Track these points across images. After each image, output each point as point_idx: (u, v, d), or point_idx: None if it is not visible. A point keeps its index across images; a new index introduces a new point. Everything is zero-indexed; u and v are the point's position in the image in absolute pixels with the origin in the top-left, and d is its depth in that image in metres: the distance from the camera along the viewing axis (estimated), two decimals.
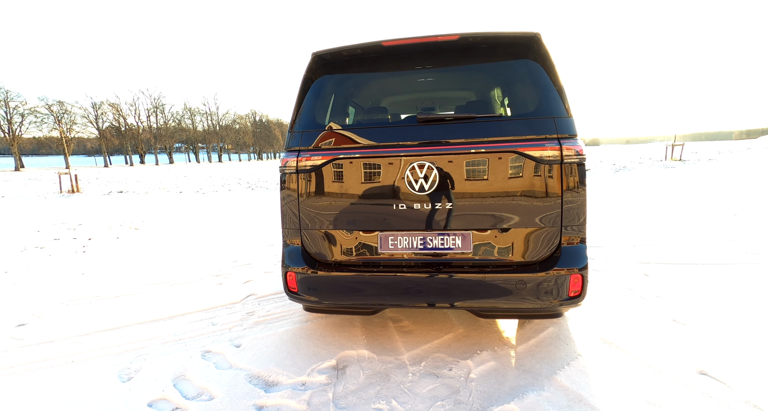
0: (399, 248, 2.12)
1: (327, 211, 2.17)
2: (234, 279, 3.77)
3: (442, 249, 2.08)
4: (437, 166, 2.03)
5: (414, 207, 2.08)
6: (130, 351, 2.42)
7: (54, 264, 4.50)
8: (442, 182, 2.04)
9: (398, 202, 2.09)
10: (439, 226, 2.08)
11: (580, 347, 2.23)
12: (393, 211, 2.11)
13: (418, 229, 2.10)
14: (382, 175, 2.10)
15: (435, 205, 2.06)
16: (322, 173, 2.16)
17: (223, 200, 10.75)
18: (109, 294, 3.46)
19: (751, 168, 13.86)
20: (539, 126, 1.98)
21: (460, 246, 2.06)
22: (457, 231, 2.06)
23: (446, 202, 2.05)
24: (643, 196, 8.08)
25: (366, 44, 2.25)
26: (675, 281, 3.20)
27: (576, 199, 1.97)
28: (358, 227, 2.16)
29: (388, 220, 2.12)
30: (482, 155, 2.00)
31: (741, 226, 4.96)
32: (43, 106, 51.53)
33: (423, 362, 2.15)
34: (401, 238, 2.12)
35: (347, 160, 2.13)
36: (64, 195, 13.40)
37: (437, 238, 2.08)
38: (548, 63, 2.08)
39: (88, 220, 7.66)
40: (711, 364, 2.00)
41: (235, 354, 2.33)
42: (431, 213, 2.08)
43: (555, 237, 2.00)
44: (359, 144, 2.14)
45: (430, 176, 2.04)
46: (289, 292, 2.26)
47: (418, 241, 2.09)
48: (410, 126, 2.12)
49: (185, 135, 72.72)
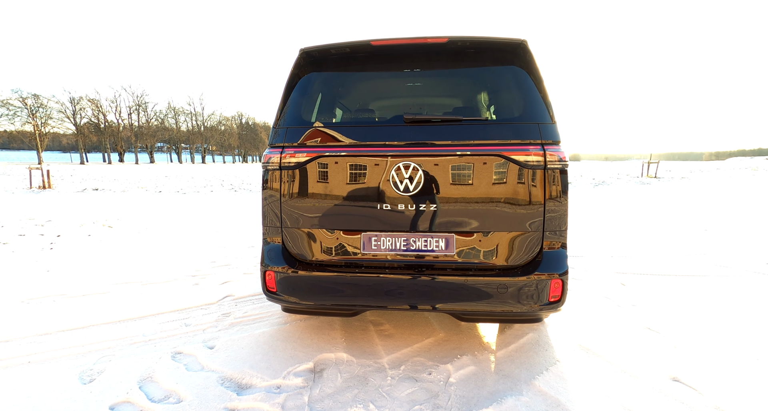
0: (382, 249, 2.09)
1: (310, 210, 2.14)
2: (211, 280, 3.65)
3: (425, 251, 2.06)
4: (423, 168, 2.03)
5: (398, 208, 2.06)
6: (95, 351, 2.29)
7: (17, 261, 4.26)
8: (427, 184, 2.04)
9: (382, 203, 2.07)
10: (422, 228, 2.06)
11: (559, 353, 2.24)
12: (377, 211, 2.09)
13: (402, 230, 2.08)
14: (367, 175, 2.09)
15: (419, 207, 2.05)
16: (306, 171, 2.12)
17: (204, 201, 10.48)
18: (75, 292, 3.28)
19: (719, 187, 14.53)
20: (524, 131, 2.01)
21: (444, 248, 2.05)
22: (441, 233, 2.06)
23: (430, 204, 2.04)
24: (620, 210, 8.33)
25: (355, 42, 2.25)
26: (650, 291, 3.28)
27: (558, 205, 2.00)
28: (341, 226, 2.13)
29: (371, 221, 2.10)
30: (467, 158, 2.02)
31: (711, 241, 5.16)
32: (17, 98, 49.47)
33: (402, 366, 2.11)
34: (384, 238, 2.10)
35: (332, 159, 2.11)
36: (34, 191, 12.80)
37: (420, 239, 2.06)
38: (534, 69, 2.12)
39: (59, 217, 7.32)
40: (683, 371, 2.03)
41: (208, 356, 2.24)
42: (415, 215, 2.07)
43: (537, 242, 2.02)
44: (345, 142, 2.11)
45: (415, 177, 2.03)
46: (267, 292, 2.19)
47: (401, 243, 2.07)
48: (397, 126, 2.11)
49: (168, 134, 71.06)
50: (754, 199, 10.22)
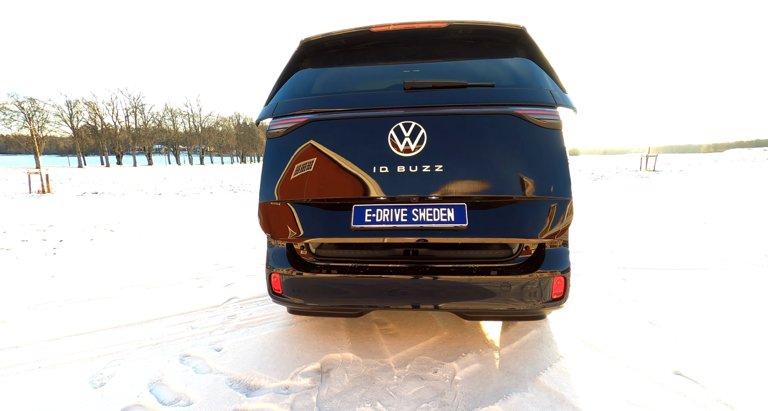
0: (378, 222, 1.89)
1: (297, 180, 2.02)
2: (215, 282, 3.67)
3: (430, 223, 1.87)
4: (426, 127, 1.89)
5: (397, 171, 1.89)
6: (104, 356, 2.31)
7: (21, 266, 4.27)
8: (431, 144, 1.88)
9: (380, 167, 1.91)
10: (427, 195, 1.88)
11: (562, 349, 2.27)
12: (373, 177, 1.91)
13: (402, 199, 1.91)
14: (361, 137, 1.97)
15: (422, 168, 1.87)
16: (296, 137, 2.05)
17: (204, 203, 10.49)
18: (81, 297, 3.30)
19: (717, 179, 14.57)
20: (538, 95, 1.98)
21: (453, 219, 1.85)
22: (449, 202, 1.88)
23: (437, 166, 1.87)
24: (619, 204, 8.37)
25: (355, 29, 2.32)
26: (651, 285, 3.31)
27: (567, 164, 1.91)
28: (332, 194, 1.98)
29: (366, 189, 1.93)
30: (476, 117, 1.91)
31: (710, 234, 5.19)
32: (13, 102, 49.26)
33: (408, 365, 2.14)
34: (381, 210, 1.91)
35: (322, 123, 2.03)
36: (34, 195, 12.80)
37: (424, 210, 1.88)
38: (538, 53, 2.17)
39: (60, 222, 7.33)
40: (685, 365, 2.07)
41: (216, 358, 2.26)
42: (418, 179, 1.87)
43: (554, 208, 1.87)
44: (337, 109, 2.05)
45: (417, 136, 1.90)
46: (273, 294, 2.22)
47: (401, 214, 1.89)
48: (396, 92, 2.04)
49: (165, 136, 70.91)
50: (752, 191, 10.26)
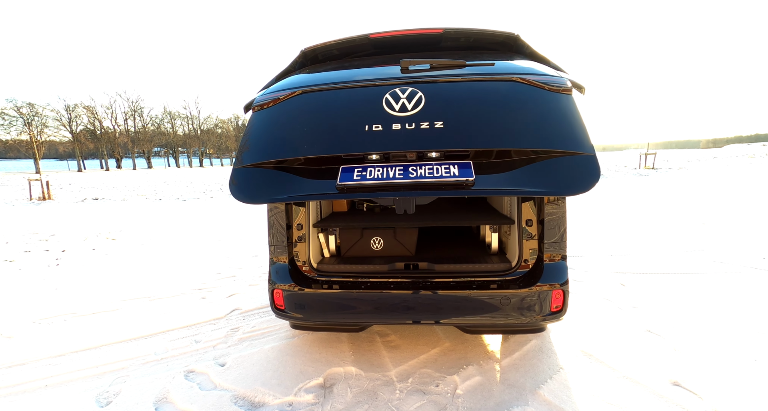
0: (368, 178, 1.72)
1: (280, 143, 1.94)
2: (217, 293, 3.70)
3: (432, 178, 1.69)
4: (425, 92, 1.82)
5: (392, 128, 1.76)
6: (109, 373, 2.34)
7: (25, 278, 4.30)
8: (430, 105, 1.79)
9: (372, 125, 1.80)
10: (427, 153, 1.76)
11: (562, 360, 2.30)
12: (364, 136, 1.79)
13: (398, 157, 1.79)
14: (356, 101, 1.90)
15: (420, 125, 1.76)
16: (285, 106, 2.00)
17: (204, 208, 10.52)
18: (85, 310, 3.33)
19: (716, 176, 14.59)
20: (542, 70, 1.95)
21: (457, 174, 1.69)
22: (453, 160, 1.75)
23: (436, 123, 1.75)
24: (618, 205, 8.39)
25: (353, 37, 2.38)
26: (649, 291, 3.34)
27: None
28: (317, 153, 1.85)
29: (355, 146, 1.80)
30: (479, 84, 1.87)
31: (709, 235, 5.22)
32: (12, 108, 49.28)
33: (410, 378, 2.17)
34: (372, 169, 1.76)
35: (315, 94, 1.99)
36: (35, 202, 12.82)
37: (424, 168, 1.74)
38: (534, 55, 2.22)
39: (62, 230, 7.36)
40: (683, 375, 2.09)
41: (220, 374, 2.29)
42: (416, 136, 1.74)
43: (575, 163, 1.69)
44: (334, 82, 2.02)
45: (414, 98, 1.82)
46: (276, 309, 2.25)
47: (396, 171, 1.73)
48: (393, 67, 2.01)
49: (165, 139, 70.89)
50: (750, 188, 10.28)
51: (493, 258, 2.38)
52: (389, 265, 2.31)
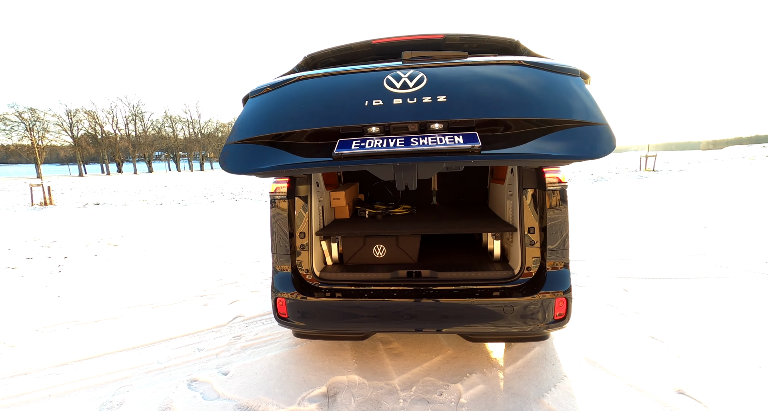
0: (366, 148, 1.66)
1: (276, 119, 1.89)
2: (220, 299, 3.70)
3: (435, 146, 1.63)
4: (427, 74, 1.79)
5: (393, 103, 1.72)
6: (113, 382, 2.34)
7: (27, 286, 4.31)
8: (432, 82, 1.76)
9: (372, 100, 1.75)
10: (430, 123, 1.69)
11: (566, 367, 2.29)
12: (364, 110, 1.74)
13: (399, 129, 1.73)
14: (356, 82, 1.88)
15: (422, 99, 1.71)
16: (283, 91, 1.98)
17: (206, 212, 10.53)
18: (87, 318, 3.33)
19: (717, 178, 14.59)
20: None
21: (462, 142, 1.62)
22: (458, 131, 1.68)
23: (439, 97, 1.71)
24: (620, 207, 8.39)
25: (356, 43, 2.43)
26: (652, 296, 3.33)
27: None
28: (314, 126, 1.80)
29: (354, 119, 1.75)
30: (484, 67, 1.86)
31: (710, 239, 5.21)
32: (13, 113, 49.45)
33: (414, 387, 2.16)
34: (371, 140, 1.70)
35: (315, 79, 1.97)
36: (36, 208, 12.85)
37: (426, 138, 1.68)
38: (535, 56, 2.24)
39: (63, 236, 7.37)
40: (688, 383, 2.09)
41: (223, 382, 2.29)
42: (417, 108, 1.69)
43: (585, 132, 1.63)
44: (330, 71, 2.01)
45: (415, 77, 1.79)
46: (279, 318, 2.25)
47: (397, 142, 1.68)
48: (395, 61, 1.99)
49: (165, 143, 71.06)
50: (750, 191, 10.27)
51: (496, 265, 2.39)
52: (392, 273, 2.31)
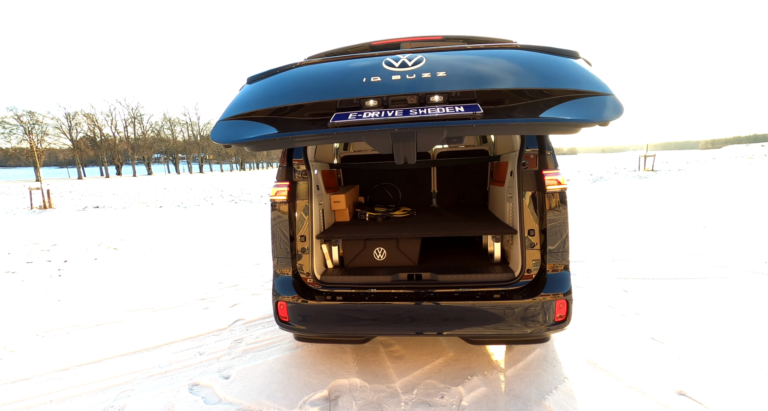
0: (364, 118, 1.60)
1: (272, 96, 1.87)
2: (220, 302, 3.70)
3: (435, 114, 1.56)
4: (427, 57, 1.78)
5: (392, 79, 1.68)
6: (114, 387, 2.34)
7: (27, 290, 4.30)
8: (432, 63, 1.73)
9: (371, 77, 1.72)
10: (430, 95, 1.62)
11: (567, 369, 2.30)
12: (362, 85, 1.70)
13: (398, 101, 1.66)
14: (352, 63, 1.89)
15: (422, 75, 1.68)
16: (280, 76, 1.97)
17: (205, 215, 10.53)
18: (88, 322, 3.33)
19: (716, 178, 14.62)
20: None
21: (463, 110, 1.56)
22: (459, 102, 1.62)
23: (439, 72, 1.69)
24: (619, 208, 8.40)
25: (356, 45, 2.41)
26: (652, 297, 3.34)
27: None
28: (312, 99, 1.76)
29: (352, 91, 1.70)
30: (484, 51, 1.87)
31: (710, 239, 5.22)
32: (12, 116, 49.43)
33: (415, 390, 2.17)
34: (369, 112, 1.64)
35: (312, 66, 1.97)
36: (36, 211, 12.84)
37: (426, 108, 1.62)
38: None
39: (63, 240, 7.37)
40: (688, 384, 2.09)
41: (225, 386, 2.29)
42: (417, 82, 1.65)
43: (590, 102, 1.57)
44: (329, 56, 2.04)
45: (414, 58, 1.78)
46: (280, 321, 2.25)
47: (396, 112, 1.61)
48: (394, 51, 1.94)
49: (165, 145, 71.07)
50: (750, 190, 10.29)
51: (496, 267, 2.39)
52: (392, 276, 2.32)
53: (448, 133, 1.62)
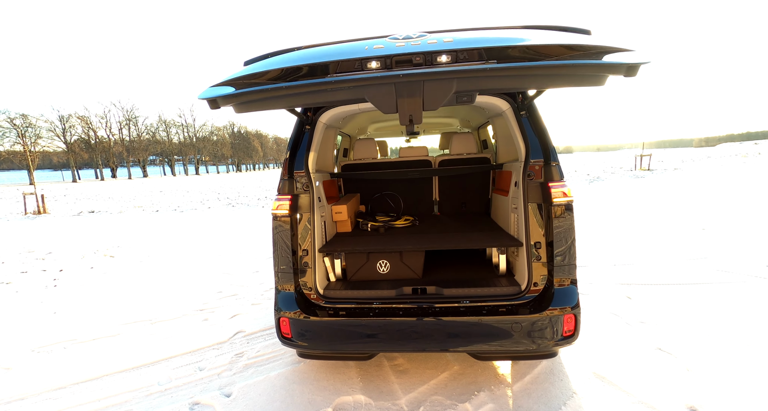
0: (367, 69, 1.62)
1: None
2: (220, 313, 3.64)
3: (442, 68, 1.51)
4: (431, 34, 1.78)
5: (397, 46, 1.67)
6: (112, 407, 2.28)
7: (22, 302, 4.22)
8: (435, 35, 1.75)
9: (374, 45, 1.71)
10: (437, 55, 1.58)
11: (575, 383, 2.26)
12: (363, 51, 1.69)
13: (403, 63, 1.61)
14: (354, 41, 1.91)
15: (427, 42, 1.68)
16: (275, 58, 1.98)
17: (202, 219, 10.44)
18: (85, 336, 3.26)
19: (712, 177, 14.70)
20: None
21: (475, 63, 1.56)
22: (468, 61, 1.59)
23: (445, 38, 1.70)
24: (617, 209, 8.40)
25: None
26: (656, 304, 3.32)
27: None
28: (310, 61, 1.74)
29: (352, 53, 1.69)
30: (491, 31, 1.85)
31: (710, 242, 5.22)
32: (5, 119, 48.92)
33: (421, 407, 2.13)
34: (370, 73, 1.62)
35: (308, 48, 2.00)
36: (30, 216, 12.68)
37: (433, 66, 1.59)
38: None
39: (58, 247, 7.26)
40: (698, 399, 2.07)
41: (226, 405, 2.24)
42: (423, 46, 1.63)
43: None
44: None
45: (418, 33, 1.80)
46: (282, 338, 2.21)
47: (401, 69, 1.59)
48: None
49: (160, 147, 70.61)
50: (746, 190, 10.34)
51: (502, 280, 2.36)
52: (396, 290, 2.27)
53: (458, 86, 1.51)
